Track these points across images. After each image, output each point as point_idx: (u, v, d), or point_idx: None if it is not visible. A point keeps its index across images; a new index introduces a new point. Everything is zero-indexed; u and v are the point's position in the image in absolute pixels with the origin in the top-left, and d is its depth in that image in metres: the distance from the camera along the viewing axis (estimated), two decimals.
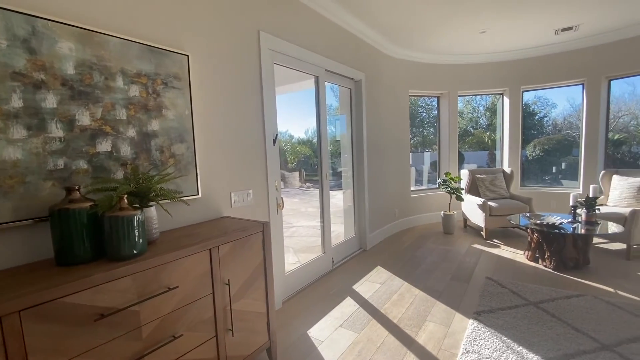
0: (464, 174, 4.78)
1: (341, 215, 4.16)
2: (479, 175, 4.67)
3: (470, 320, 2.29)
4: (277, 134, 2.54)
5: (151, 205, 1.48)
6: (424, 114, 6.64)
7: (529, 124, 5.98)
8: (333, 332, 2.22)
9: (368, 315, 2.44)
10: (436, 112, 5.52)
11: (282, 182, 4.74)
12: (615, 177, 3.93)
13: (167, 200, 1.60)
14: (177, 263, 1.38)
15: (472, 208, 4.42)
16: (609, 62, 4.35)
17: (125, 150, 1.58)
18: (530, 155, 5.68)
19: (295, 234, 5.02)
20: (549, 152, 5.71)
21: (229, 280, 1.63)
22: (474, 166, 6.44)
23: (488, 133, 7.81)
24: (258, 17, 2.38)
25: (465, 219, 4.80)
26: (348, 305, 2.60)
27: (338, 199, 4.40)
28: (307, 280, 3.03)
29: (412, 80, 4.95)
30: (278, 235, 2.61)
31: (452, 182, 4.48)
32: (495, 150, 5.75)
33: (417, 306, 2.55)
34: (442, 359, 1.91)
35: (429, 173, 6.29)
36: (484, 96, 6.69)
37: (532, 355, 1.89)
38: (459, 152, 5.85)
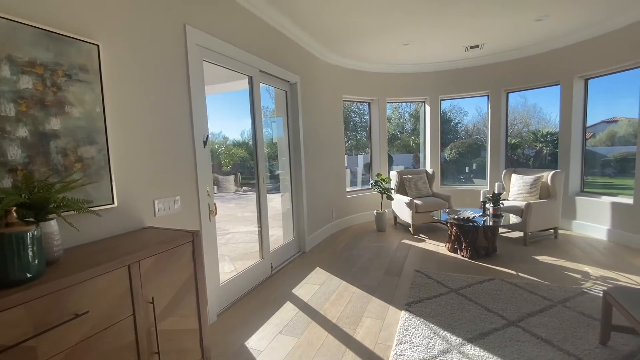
0: (393, 175, 5.13)
1: (280, 218, 4.10)
2: (406, 176, 5.05)
3: (403, 312, 2.45)
4: (207, 135, 2.39)
5: (51, 219, 1.25)
6: (357, 118, 6.96)
7: (446, 129, 6.69)
8: (272, 340, 2.16)
9: (308, 318, 2.44)
10: (367, 117, 5.83)
11: (215, 187, 4.48)
12: (513, 176, 4.61)
13: (72, 212, 1.37)
14: (86, 284, 1.18)
15: (400, 206, 4.76)
16: (507, 78, 5.11)
17: (15, 154, 1.31)
18: (448, 157, 6.36)
19: (231, 240, 4.80)
20: (463, 154, 6.46)
21: (153, 298, 1.46)
22: (401, 168, 6.95)
23: (413, 137, 8.51)
24: (184, 10, 2.21)
25: (396, 217, 5.15)
26: (288, 310, 2.56)
27: (276, 202, 4.34)
28: (245, 288, 2.91)
29: (346, 86, 5.15)
30: (211, 243, 2.45)
31: (383, 183, 4.77)
32: (419, 152, 6.30)
33: (355, 303, 2.64)
34: (379, 352, 2.00)
35: (362, 174, 6.59)
36: (409, 103, 7.27)
37: (454, 338, 2.09)
38: (389, 154, 6.25)
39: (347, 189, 5.47)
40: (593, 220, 4.26)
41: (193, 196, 2.27)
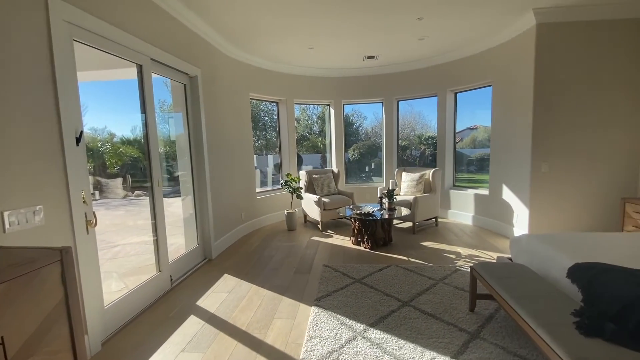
0: (302, 174, 5.25)
1: (181, 225, 3.73)
2: (314, 176, 5.23)
3: (312, 308, 2.51)
4: (82, 131, 1.99)
5: None
6: (266, 118, 6.87)
7: (350, 132, 7.19)
8: None
9: (215, 329, 2.28)
10: (277, 117, 5.82)
11: (96, 192, 3.80)
12: (404, 174, 5.26)
13: None
14: None
15: (310, 205, 4.91)
16: (398, 87, 5.79)
17: None
18: (351, 158, 6.85)
19: (120, 254, 4.13)
20: (364, 155, 7.05)
21: (2, 337, 1.13)
22: (310, 167, 7.18)
23: (320, 138, 8.88)
24: None
25: (305, 215, 5.28)
26: (192, 325, 2.34)
27: (177, 207, 3.92)
28: (138, 308, 2.54)
29: (253, 84, 5.02)
30: (90, 260, 2.06)
31: (293, 183, 4.84)
32: (327, 153, 6.61)
33: (265, 306, 2.59)
34: (290, 351, 2.00)
35: (273, 174, 6.54)
36: (316, 105, 7.55)
37: (359, 325, 2.25)
38: (299, 154, 6.37)
39: (257, 190, 5.36)
40: (462, 209, 5.20)
41: (62, 204, 1.86)
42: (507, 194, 4.28)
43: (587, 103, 3.59)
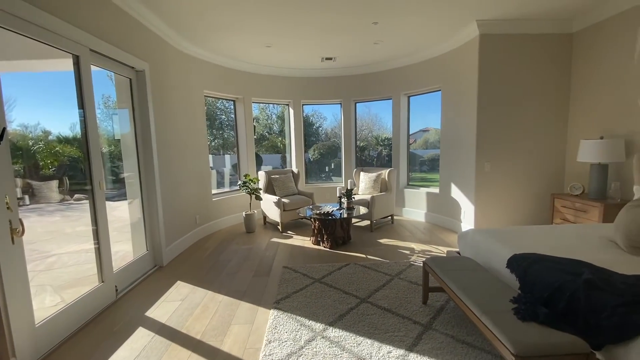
0: (261, 175, 5.15)
1: (128, 230, 3.45)
2: (273, 176, 5.16)
3: (271, 311, 2.47)
4: (4, 128, 1.75)
5: None
6: (223, 116, 6.64)
7: (310, 132, 7.21)
8: None
9: (167, 341, 2.14)
10: (234, 115, 5.64)
11: (26, 197, 3.40)
12: (362, 173, 5.39)
13: None
14: None
15: (269, 206, 4.83)
16: (355, 89, 5.92)
17: None
18: (312, 158, 6.87)
19: (55, 265, 3.71)
20: (324, 155, 7.11)
21: None
22: (270, 168, 7.08)
23: (280, 138, 8.80)
24: None
25: (265, 216, 5.19)
26: (140, 337, 2.18)
27: (123, 211, 3.63)
28: (77, 323, 2.30)
29: (208, 81, 4.82)
30: (16, 274, 1.82)
31: (251, 183, 4.72)
32: (286, 153, 6.56)
33: (222, 313, 2.49)
34: (247, 357, 1.95)
35: (231, 175, 6.34)
36: (275, 105, 7.46)
37: (318, 325, 2.25)
38: (258, 154, 6.25)
39: (214, 191, 5.15)
40: (416, 206, 5.46)
41: None
42: (456, 192, 4.58)
43: (521, 109, 3.96)
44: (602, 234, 2.46)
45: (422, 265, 2.55)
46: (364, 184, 5.25)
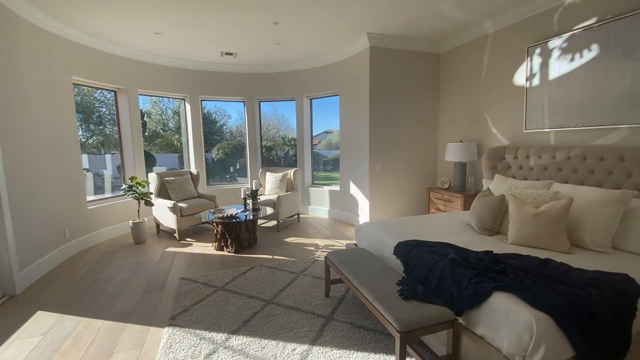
0: (152, 177, 4.58)
1: None
2: (167, 178, 4.65)
3: (166, 329, 2.21)
4: None
5: None
6: (104, 109, 5.65)
7: (212, 130, 6.77)
8: None
9: None
10: (115, 108, 4.86)
11: None
12: (267, 173, 5.35)
13: None
14: None
15: (163, 212, 4.34)
16: (258, 88, 5.82)
17: None
18: (215, 157, 6.46)
19: None
20: (229, 155, 6.77)
21: None
22: (164, 169, 6.36)
23: (177, 136, 8.02)
24: None
25: (158, 224, 4.64)
26: None
27: None
28: None
29: (77, 66, 4.01)
30: None
31: (140, 187, 4.15)
32: (184, 152, 6.01)
33: (101, 341, 2.11)
34: None
35: (115, 178, 5.45)
36: (171, 99, 6.76)
37: (220, 335, 2.12)
38: (151, 154, 5.53)
39: (90, 198, 4.33)
40: (320, 204, 5.71)
41: None
42: (354, 189, 4.97)
43: (404, 116, 4.55)
44: (462, 219, 3.02)
45: (324, 259, 2.66)
46: (270, 184, 5.21)
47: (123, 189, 4.21)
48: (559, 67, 3.02)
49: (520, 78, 3.44)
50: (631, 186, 2.42)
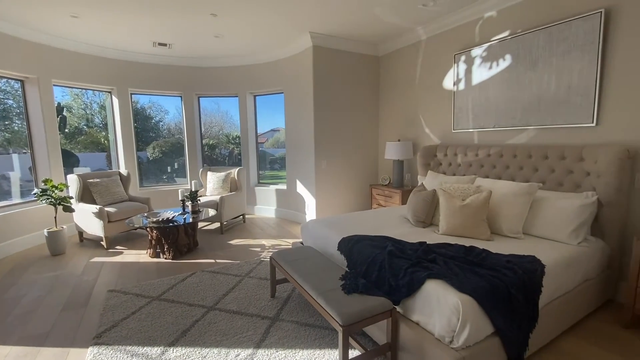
0: (72, 179, 4.05)
1: None
2: (91, 180, 4.15)
3: (90, 349, 1.97)
4: None
5: None
6: (11, 101, 4.83)
7: (147, 127, 6.21)
8: None
9: None
10: (23, 101, 4.19)
11: None
12: (209, 173, 5.08)
13: None
14: None
15: (87, 218, 3.87)
16: (198, 83, 5.49)
17: None
18: (150, 157, 5.94)
19: None
20: (166, 154, 6.28)
21: None
22: (88, 170, 5.67)
23: (104, 133, 7.23)
24: None
25: (81, 232, 4.12)
26: None
27: None
28: None
29: None
30: None
31: (56, 191, 3.64)
32: (112, 151, 5.43)
33: None
34: None
35: (27, 181, 4.70)
36: (96, 92, 6.05)
37: (155, 349, 1.96)
38: (72, 153, 4.88)
39: None
40: (267, 203, 5.61)
41: None
42: (300, 188, 4.98)
43: (347, 115, 4.68)
44: (400, 213, 3.21)
45: (269, 260, 2.61)
46: (212, 184, 4.96)
47: (35, 194, 3.65)
48: (480, 73, 3.37)
49: (449, 82, 3.75)
50: (537, 179, 2.80)
